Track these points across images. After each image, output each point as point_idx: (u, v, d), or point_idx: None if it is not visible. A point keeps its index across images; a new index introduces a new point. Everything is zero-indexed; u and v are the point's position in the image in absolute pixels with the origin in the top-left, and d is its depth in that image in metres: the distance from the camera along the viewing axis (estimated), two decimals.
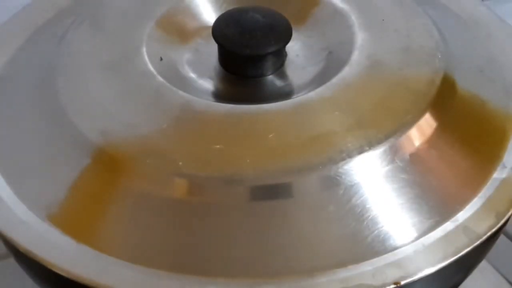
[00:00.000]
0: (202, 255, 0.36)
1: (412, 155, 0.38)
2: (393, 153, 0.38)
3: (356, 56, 0.41)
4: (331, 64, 0.42)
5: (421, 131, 0.39)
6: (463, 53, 0.44)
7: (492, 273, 0.53)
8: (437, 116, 0.40)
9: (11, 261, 0.42)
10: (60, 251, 0.36)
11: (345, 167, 0.37)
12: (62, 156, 0.39)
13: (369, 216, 0.36)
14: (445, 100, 0.41)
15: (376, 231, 0.36)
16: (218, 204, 0.36)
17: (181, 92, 0.40)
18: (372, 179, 0.37)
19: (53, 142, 0.40)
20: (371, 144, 0.37)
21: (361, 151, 0.37)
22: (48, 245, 0.36)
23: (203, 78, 0.43)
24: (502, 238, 0.47)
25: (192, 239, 0.36)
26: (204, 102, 0.39)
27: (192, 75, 0.43)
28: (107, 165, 0.37)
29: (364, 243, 0.36)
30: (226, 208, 0.36)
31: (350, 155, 0.37)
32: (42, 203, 0.38)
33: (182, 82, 0.41)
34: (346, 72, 0.41)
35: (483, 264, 0.45)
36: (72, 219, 0.37)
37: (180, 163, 0.37)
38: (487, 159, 0.40)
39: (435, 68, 0.41)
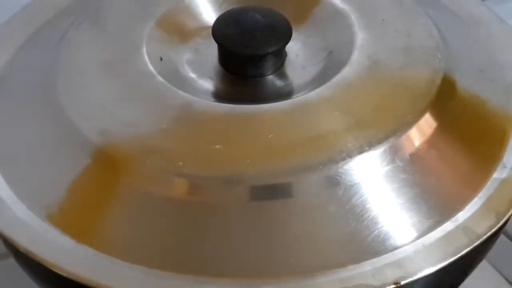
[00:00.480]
0: (202, 255, 0.35)
1: (412, 155, 0.38)
2: (393, 153, 0.38)
3: (356, 56, 0.41)
4: (331, 64, 0.42)
5: (421, 131, 0.39)
6: (463, 53, 0.44)
7: (492, 273, 0.53)
8: (437, 116, 0.40)
9: (11, 261, 0.42)
10: (60, 251, 0.36)
11: (345, 167, 0.37)
12: (62, 156, 0.39)
13: (369, 216, 0.36)
14: (445, 100, 0.41)
15: (376, 231, 0.36)
16: (218, 204, 0.36)
17: (181, 92, 0.40)
18: (372, 179, 0.37)
19: (53, 142, 0.39)
20: (371, 144, 0.37)
21: (361, 151, 0.37)
22: (48, 245, 0.36)
23: (203, 78, 0.43)
24: (502, 238, 0.47)
25: (192, 239, 0.36)
26: (204, 102, 0.39)
27: (192, 75, 0.43)
28: (107, 165, 0.37)
29: (364, 243, 0.36)
30: (226, 208, 0.36)
31: (350, 155, 0.37)
32: (42, 203, 0.38)
33: (182, 82, 0.41)
34: (346, 72, 0.41)
35: (483, 264, 0.45)
36: (72, 219, 0.37)
37: (180, 163, 0.37)
38: (487, 159, 0.40)
39: (435, 68, 0.41)
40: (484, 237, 0.37)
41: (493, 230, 0.37)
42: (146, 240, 0.36)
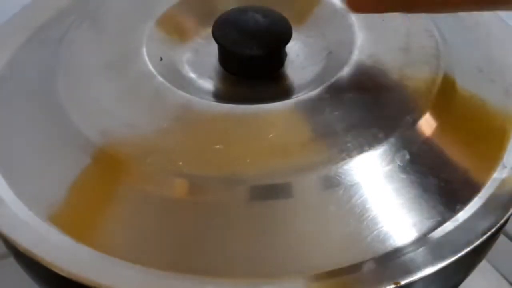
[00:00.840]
0: (202, 255, 0.35)
1: (412, 155, 0.38)
2: (393, 153, 0.38)
3: (356, 56, 0.41)
4: (331, 64, 0.42)
5: (421, 131, 0.39)
6: (463, 53, 0.44)
7: (492, 273, 0.53)
8: (437, 116, 0.40)
9: (11, 260, 0.42)
10: (60, 251, 0.36)
11: (345, 167, 0.37)
12: (62, 156, 0.39)
13: (369, 216, 0.36)
14: (445, 100, 0.41)
15: (376, 231, 0.36)
16: (218, 204, 0.36)
17: (181, 92, 0.40)
18: (372, 179, 0.37)
19: (53, 142, 0.39)
20: (371, 144, 0.37)
21: (361, 151, 0.37)
22: (48, 245, 0.36)
23: (203, 78, 0.43)
24: (502, 238, 0.47)
25: (192, 239, 0.36)
26: (204, 102, 0.39)
27: (192, 75, 0.43)
28: (107, 165, 0.37)
29: (364, 243, 0.36)
30: (226, 208, 0.36)
31: (350, 155, 0.37)
32: (42, 203, 0.38)
33: (182, 82, 0.41)
34: (346, 72, 0.41)
35: (483, 264, 0.45)
36: (72, 219, 0.37)
37: (180, 163, 0.37)
38: (487, 159, 0.40)
39: (435, 68, 0.41)
40: (484, 237, 0.37)
41: (493, 230, 0.37)
42: (146, 240, 0.36)
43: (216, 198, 0.36)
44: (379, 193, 0.37)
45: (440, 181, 0.38)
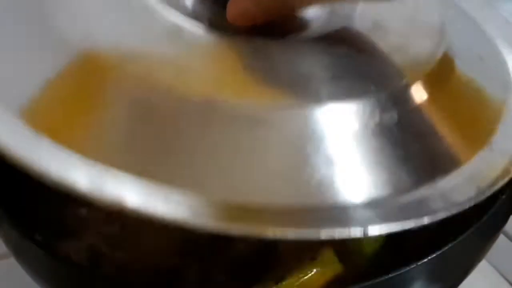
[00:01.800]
0: (172, 165, 0.34)
1: (400, 117, 0.37)
2: (381, 109, 0.37)
3: (358, 19, 0.41)
4: (333, 20, 0.41)
5: (412, 97, 0.38)
6: (465, 41, 0.44)
7: (492, 273, 0.52)
8: (430, 87, 0.39)
9: (11, 260, 0.41)
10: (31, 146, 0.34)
11: (331, 111, 0.36)
12: (42, 56, 0.37)
13: (342, 165, 0.35)
14: (442, 75, 0.40)
15: (346, 180, 0.35)
16: (190, 121, 0.35)
17: (173, 11, 0.38)
18: (356, 131, 0.36)
19: (33, 42, 0.38)
20: (361, 94, 0.36)
21: (349, 96, 0.36)
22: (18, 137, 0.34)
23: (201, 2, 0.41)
24: (502, 238, 0.47)
25: (165, 148, 0.34)
26: (195, 25, 0.38)
27: None
28: (87, 68, 0.36)
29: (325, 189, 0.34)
30: (200, 127, 0.35)
31: (338, 100, 0.36)
32: (15, 99, 0.36)
33: (176, 2, 0.40)
34: (347, 28, 0.40)
35: (483, 264, 0.45)
36: (47, 116, 0.35)
37: (162, 75, 0.35)
38: (474, 141, 0.39)
39: (437, 43, 0.41)
40: (454, 210, 0.35)
41: (467, 207, 0.36)
42: (119, 144, 0.34)
43: (191, 117, 0.35)
44: (359, 145, 0.36)
45: (424, 147, 0.37)
